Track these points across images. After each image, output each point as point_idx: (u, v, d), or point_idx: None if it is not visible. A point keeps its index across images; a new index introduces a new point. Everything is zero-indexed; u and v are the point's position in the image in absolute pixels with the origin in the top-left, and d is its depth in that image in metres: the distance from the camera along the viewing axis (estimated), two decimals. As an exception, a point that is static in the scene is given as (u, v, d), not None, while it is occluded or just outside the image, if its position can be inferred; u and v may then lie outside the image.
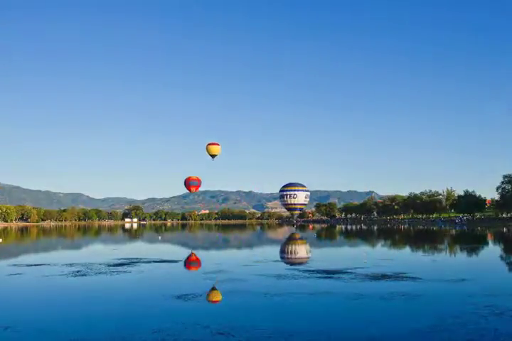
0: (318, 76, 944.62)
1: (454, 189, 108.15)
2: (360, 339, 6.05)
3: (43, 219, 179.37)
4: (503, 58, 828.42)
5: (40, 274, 12.72)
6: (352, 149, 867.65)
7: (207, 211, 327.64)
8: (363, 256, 19.09)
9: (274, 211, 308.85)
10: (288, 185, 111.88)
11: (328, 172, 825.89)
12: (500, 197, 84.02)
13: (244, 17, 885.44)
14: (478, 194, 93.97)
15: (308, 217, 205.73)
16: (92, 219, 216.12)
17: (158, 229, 75.92)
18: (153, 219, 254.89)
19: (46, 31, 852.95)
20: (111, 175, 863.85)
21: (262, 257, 18.71)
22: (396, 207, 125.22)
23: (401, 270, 12.92)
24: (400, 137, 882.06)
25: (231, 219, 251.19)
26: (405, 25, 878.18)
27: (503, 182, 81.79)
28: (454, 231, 48.70)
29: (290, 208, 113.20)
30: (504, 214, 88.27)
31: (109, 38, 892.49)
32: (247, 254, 22.08)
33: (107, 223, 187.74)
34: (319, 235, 45.90)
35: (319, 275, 11.99)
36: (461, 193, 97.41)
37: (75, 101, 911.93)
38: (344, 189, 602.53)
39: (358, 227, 76.58)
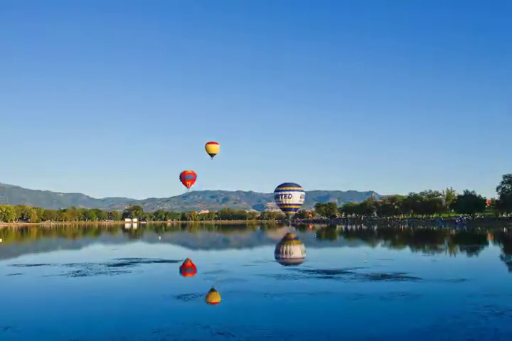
0: (318, 76, 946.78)
1: (454, 189, 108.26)
2: (360, 339, 6.05)
3: (43, 219, 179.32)
4: (503, 58, 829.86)
5: (40, 274, 12.72)
6: (352, 149, 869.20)
7: (207, 211, 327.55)
8: (363, 256, 19.09)
9: (274, 211, 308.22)
10: (283, 185, 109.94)
11: (328, 172, 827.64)
12: (500, 197, 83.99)
13: (244, 17, 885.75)
14: (478, 194, 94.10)
15: (308, 217, 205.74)
16: (92, 219, 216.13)
17: (158, 229, 75.93)
18: (153, 219, 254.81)
19: (46, 31, 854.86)
20: (111, 175, 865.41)
21: (262, 257, 18.71)
22: (396, 207, 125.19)
23: (401, 270, 12.92)
24: (400, 137, 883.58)
25: (231, 219, 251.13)
26: (405, 25, 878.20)
27: (503, 182, 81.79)
28: (454, 231, 48.70)
29: (285, 208, 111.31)
30: (504, 214, 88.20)
31: (109, 37, 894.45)
32: (247, 254, 22.09)
33: (107, 223, 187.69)
34: (319, 235, 45.91)
35: (319, 275, 11.99)
36: (461, 193, 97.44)
37: (75, 101, 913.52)
38: (344, 189, 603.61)
39: (358, 227, 76.58)
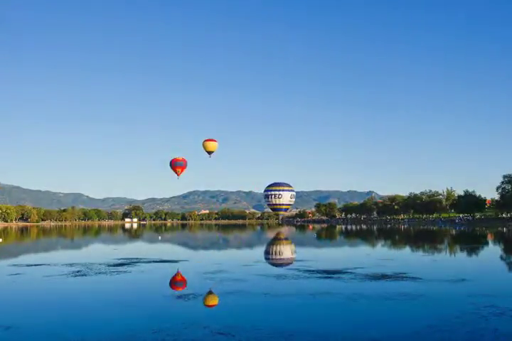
0: (319, 75, 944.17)
1: (454, 189, 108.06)
2: (360, 340, 6.04)
3: (43, 219, 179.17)
4: (503, 58, 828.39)
5: (40, 274, 12.71)
6: (352, 149, 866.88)
7: (207, 211, 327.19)
8: (363, 256, 19.09)
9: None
10: (273, 185, 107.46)
11: (328, 173, 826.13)
12: (500, 197, 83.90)
13: (247, 6, 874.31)
14: (478, 194, 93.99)
15: (308, 217, 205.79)
16: (92, 219, 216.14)
17: (158, 229, 75.94)
18: (153, 219, 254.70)
19: (45, 22, 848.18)
20: (111, 175, 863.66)
21: (262, 257, 18.72)
22: (396, 207, 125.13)
23: (401, 270, 12.92)
24: (400, 137, 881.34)
25: (231, 219, 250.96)
26: (412, 17, 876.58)
27: (503, 182, 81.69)
28: (454, 231, 48.72)
29: (275, 208, 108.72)
30: (504, 214, 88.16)
31: (108, 28, 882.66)
32: (247, 254, 22.10)
33: (107, 223, 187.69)
34: (319, 235, 45.92)
35: (319, 276, 11.99)
36: (461, 193, 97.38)
37: (75, 101, 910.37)
38: (344, 189, 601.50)
39: (358, 227, 76.60)
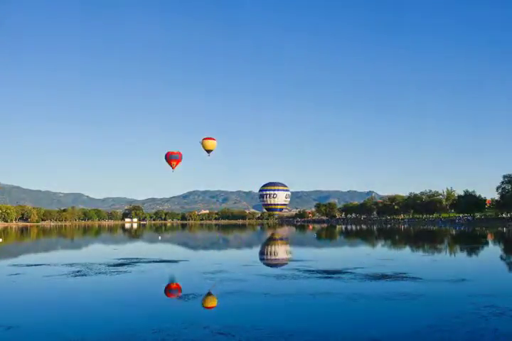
0: (319, 75, 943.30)
1: (454, 189, 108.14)
2: (360, 340, 6.05)
3: (43, 219, 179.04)
4: (503, 57, 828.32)
5: (40, 274, 12.72)
6: (352, 149, 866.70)
7: (207, 211, 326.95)
8: (363, 256, 19.08)
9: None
10: (268, 185, 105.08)
11: (328, 173, 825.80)
12: (500, 197, 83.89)
13: (246, 11, 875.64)
14: (478, 194, 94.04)
15: (308, 217, 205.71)
16: (92, 219, 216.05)
17: (158, 229, 75.94)
18: (153, 219, 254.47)
19: (46, 26, 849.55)
20: (111, 175, 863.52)
21: (262, 257, 18.71)
22: (396, 207, 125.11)
23: (401, 270, 12.93)
24: (400, 137, 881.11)
25: (231, 219, 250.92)
26: (408, 21, 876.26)
27: (503, 182, 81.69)
28: (454, 231, 48.72)
29: (270, 208, 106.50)
30: (504, 214, 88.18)
31: (109, 33, 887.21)
32: (247, 254, 22.10)
33: (107, 223, 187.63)
34: (319, 235, 45.92)
35: (319, 276, 11.99)
36: (461, 193, 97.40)
37: (75, 100, 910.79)
38: (344, 189, 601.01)
39: (358, 227, 76.60)
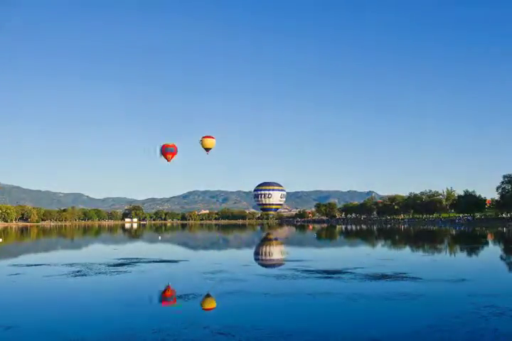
0: (318, 74, 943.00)
1: (454, 189, 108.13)
2: (360, 339, 6.05)
3: (43, 219, 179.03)
4: (503, 57, 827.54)
5: (40, 274, 12.72)
6: (352, 149, 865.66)
7: (207, 211, 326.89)
8: (363, 256, 19.09)
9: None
10: (262, 184, 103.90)
11: (328, 173, 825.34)
12: (500, 197, 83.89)
13: (245, 12, 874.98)
14: (478, 194, 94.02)
15: (308, 217, 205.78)
16: (92, 219, 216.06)
17: (158, 229, 75.95)
18: (153, 219, 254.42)
19: (45, 29, 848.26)
20: (111, 175, 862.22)
21: (263, 257, 18.71)
22: (396, 207, 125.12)
23: (401, 270, 12.93)
24: (400, 137, 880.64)
25: (231, 219, 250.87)
26: (407, 22, 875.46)
27: (503, 182, 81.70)
28: (454, 231, 48.73)
29: (265, 208, 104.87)
30: (504, 214, 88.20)
31: (108, 35, 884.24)
32: (247, 254, 22.10)
33: (107, 223, 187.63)
34: (319, 235, 45.93)
35: (319, 276, 12.00)
36: (461, 193, 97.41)
37: (75, 100, 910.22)
38: (344, 189, 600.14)
39: (358, 227, 76.62)
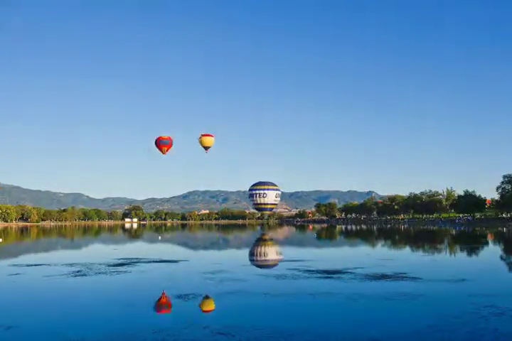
0: (318, 74, 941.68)
1: (454, 189, 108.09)
2: (360, 339, 6.05)
3: (43, 219, 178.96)
4: (502, 57, 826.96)
5: (40, 274, 12.72)
6: (352, 149, 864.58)
7: (207, 211, 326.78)
8: (363, 256, 19.08)
9: (274, 211, 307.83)
10: (257, 184, 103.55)
11: (328, 172, 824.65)
12: (500, 197, 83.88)
13: (245, 12, 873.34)
14: (478, 194, 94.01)
15: (308, 217, 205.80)
16: (92, 219, 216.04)
17: (158, 229, 75.96)
18: (153, 219, 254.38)
19: (45, 28, 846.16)
20: (111, 175, 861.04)
21: (263, 257, 18.70)
22: (396, 207, 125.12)
23: (401, 270, 12.92)
24: (400, 137, 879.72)
25: (231, 219, 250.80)
26: (407, 22, 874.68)
27: (503, 182, 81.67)
28: (454, 231, 48.73)
29: (260, 208, 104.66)
30: (504, 214, 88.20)
31: (108, 34, 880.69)
32: (247, 254, 22.09)
33: (107, 223, 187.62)
34: (319, 235, 45.93)
35: (319, 276, 11.99)
36: (461, 193, 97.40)
37: (75, 100, 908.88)
38: (344, 189, 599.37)
39: (358, 227, 76.63)
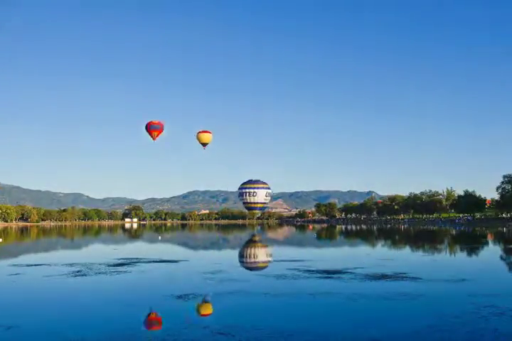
0: (318, 74, 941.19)
1: (454, 189, 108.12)
2: (360, 339, 6.05)
3: (43, 219, 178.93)
4: (502, 57, 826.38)
5: (40, 274, 12.72)
6: (352, 149, 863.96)
7: (207, 211, 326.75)
8: (363, 256, 19.08)
9: (274, 211, 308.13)
10: (247, 182, 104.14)
11: (328, 172, 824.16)
12: (500, 197, 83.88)
13: (245, 12, 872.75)
14: (478, 194, 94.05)
15: (308, 217, 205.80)
16: (92, 219, 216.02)
17: (158, 229, 75.97)
18: (153, 219, 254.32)
19: (44, 28, 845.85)
20: (111, 175, 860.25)
21: (261, 257, 18.70)
22: (396, 207, 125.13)
23: (401, 270, 12.92)
24: (400, 137, 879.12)
25: (231, 219, 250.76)
26: (407, 22, 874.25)
27: (503, 182, 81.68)
28: (454, 231, 48.74)
29: (250, 207, 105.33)
30: (504, 214, 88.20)
31: (108, 34, 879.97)
32: (247, 254, 22.08)
33: (107, 223, 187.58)
34: (319, 235, 45.93)
35: (319, 276, 11.99)
36: (461, 193, 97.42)
37: (75, 100, 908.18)
38: (344, 189, 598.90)
39: (358, 227, 76.64)
